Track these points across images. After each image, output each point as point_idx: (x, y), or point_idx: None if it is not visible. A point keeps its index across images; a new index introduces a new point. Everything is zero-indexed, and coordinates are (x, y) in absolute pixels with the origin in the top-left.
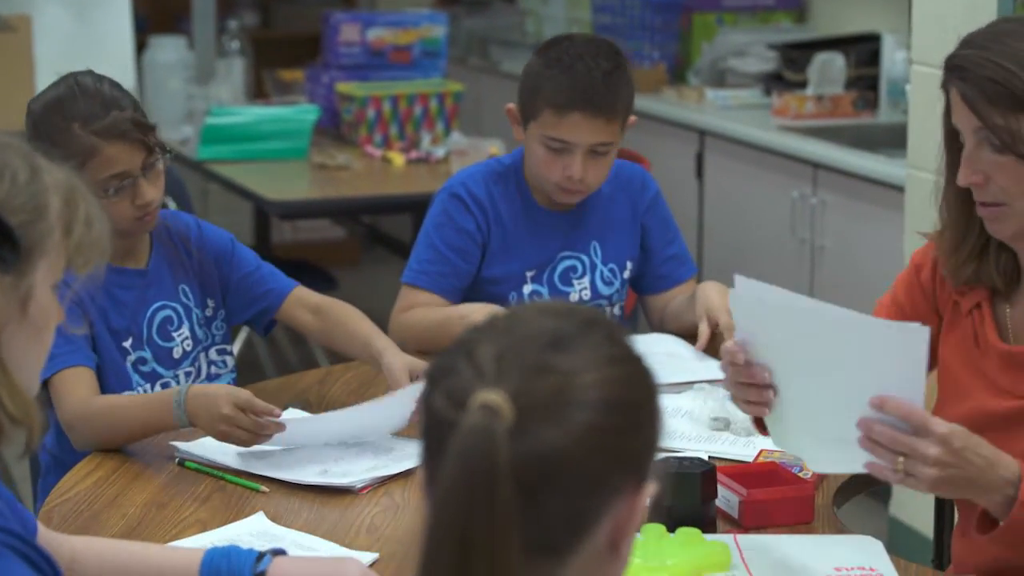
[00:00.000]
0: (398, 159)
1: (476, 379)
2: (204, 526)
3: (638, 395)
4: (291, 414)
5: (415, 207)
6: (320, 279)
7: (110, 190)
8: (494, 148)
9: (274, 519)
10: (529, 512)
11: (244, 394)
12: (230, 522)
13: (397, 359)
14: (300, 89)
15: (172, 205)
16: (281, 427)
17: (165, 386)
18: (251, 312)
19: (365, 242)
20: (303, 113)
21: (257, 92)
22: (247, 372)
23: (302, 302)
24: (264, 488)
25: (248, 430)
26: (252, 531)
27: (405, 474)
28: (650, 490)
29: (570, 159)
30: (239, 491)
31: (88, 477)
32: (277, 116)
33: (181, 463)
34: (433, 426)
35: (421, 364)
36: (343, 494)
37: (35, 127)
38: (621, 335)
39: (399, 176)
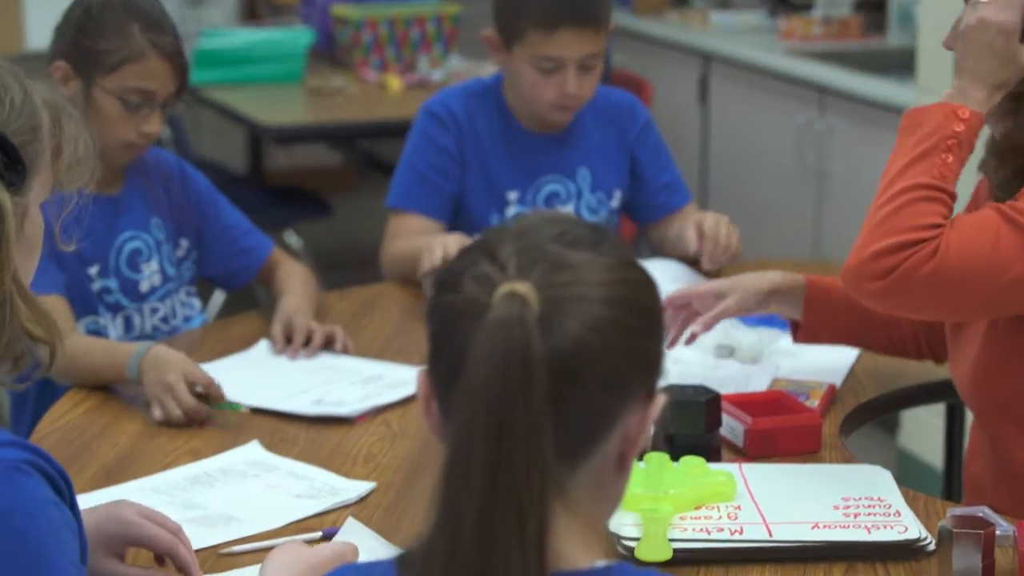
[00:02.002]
0: (395, 83)
1: (500, 273)
2: (197, 455)
3: (649, 300)
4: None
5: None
6: (315, 205)
7: (131, 102)
8: (493, 71)
9: (269, 448)
10: (555, 409)
11: (201, 375)
12: (224, 451)
13: (282, 309)
14: (294, 11)
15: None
16: (205, 417)
17: (128, 319)
18: (227, 267)
19: (361, 167)
20: (297, 36)
21: (250, 14)
22: (240, 301)
23: (273, 264)
24: (243, 407)
25: (184, 407)
26: (247, 460)
27: (401, 402)
28: (659, 404)
29: (563, 76)
30: (233, 420)
31: (78, 407)
32: (271, 39)
33: (175, 329)
34: (453, 323)
35: (302, 319)
36: (339, 423)
37: (87, 13)
38: (625, 244)
39: (396, 100)
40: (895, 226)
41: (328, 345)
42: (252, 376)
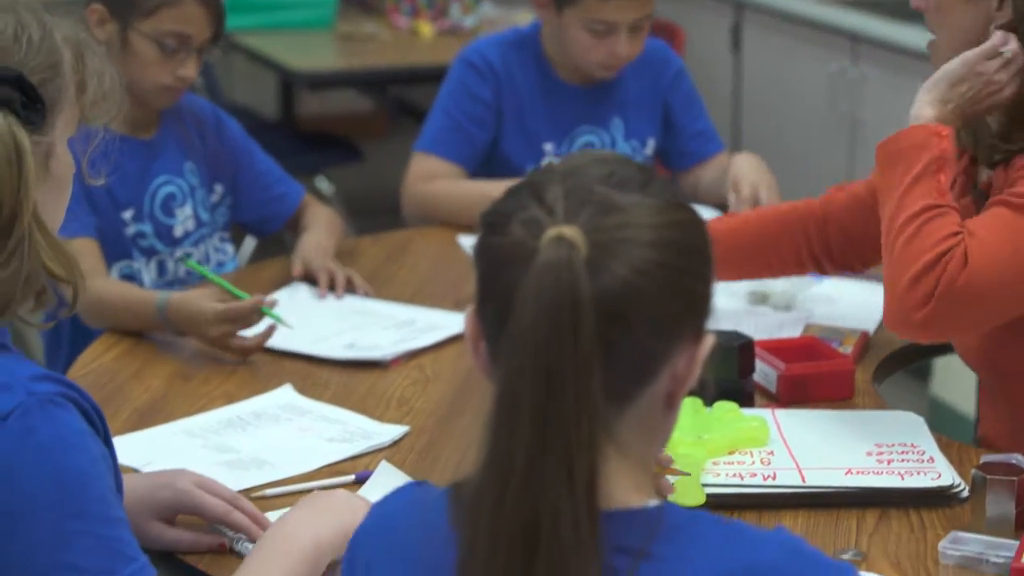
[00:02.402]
0: (426, 29)
1: (547, 216)
2: (230, 398)
3: (698, 240)
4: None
5: (443, 78)
6: (346, 151)
7: (167, 46)
8: (526, 18)
9: (302, 392)
10: (603, 352)
11: (221, 307)
12: (257, 394)
13: (300, 248)
14: None
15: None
16: (260, 346)
17: (162, 264)
18: (260, 213)
19: (392, 114)
20: None
21: None
22: (271, 247)
23: (302, 210)
24: (289, 324)
25: (240, 351)
26: (279, 403)
27: (434, 347)
28: (708, 344)
29: (614, 39)
30: (266, 363)
31: (110, 350)
32: None
33: (183, 258)
34: (501, 265)
35: (321, 258)
36: (372, 367)
37: None
38: (672, 184)
39: (427, 46)
40: (916, 250)
41: (350, 288)
42: (284, 320)
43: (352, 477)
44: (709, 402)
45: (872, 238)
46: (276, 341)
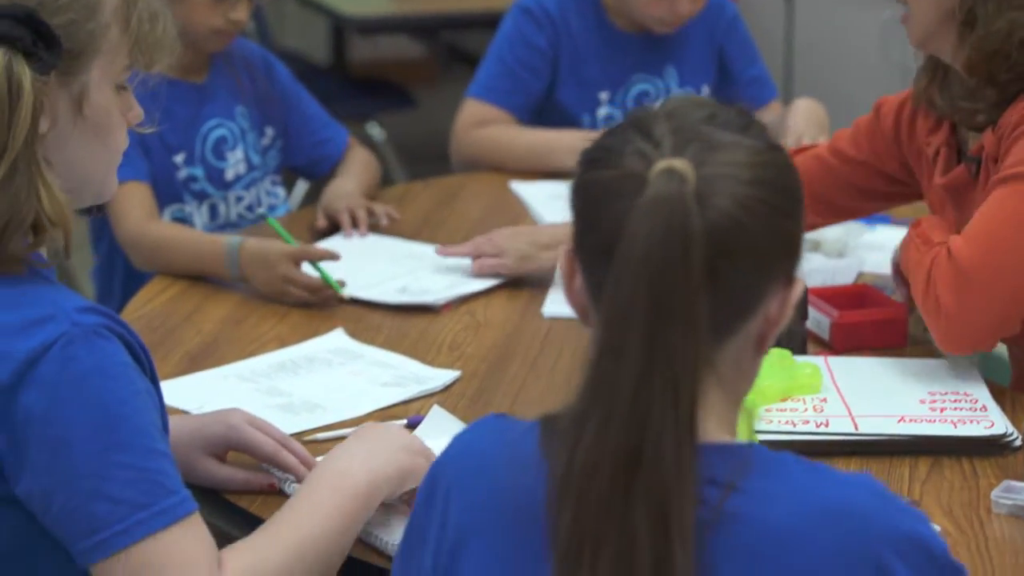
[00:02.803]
0: None
1: (655, 150)
2: (282, 342)
3: (793, 183)
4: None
5: (496, 24)
6: (397, 97)
7: None
8: None
9: (354, 336)
10: (708, 284)
11: (298, 249)
12: (309, 338)
13: (323, 196)
14: None
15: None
16: (335, 294)
17: (213, 207)
18: (310, 156)
19: (444, 60)
20: None
21: None
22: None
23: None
24: (345, 295)
25: (304, 288)
26: (331, 347)
27: (486, 292)
28: (799, 289)
29: None
30: (318, 308)
31: (162, 293)
32: None
33: (262, 217)
34: (607, 200)
35: (340, 201)
36: (424, 311)
37: None
38: (768, 129)
39: None
40: (916, 281)
41: (373, 220)
42: (336, 265)
43: (404, 421)
44: None
45: (826, 200)
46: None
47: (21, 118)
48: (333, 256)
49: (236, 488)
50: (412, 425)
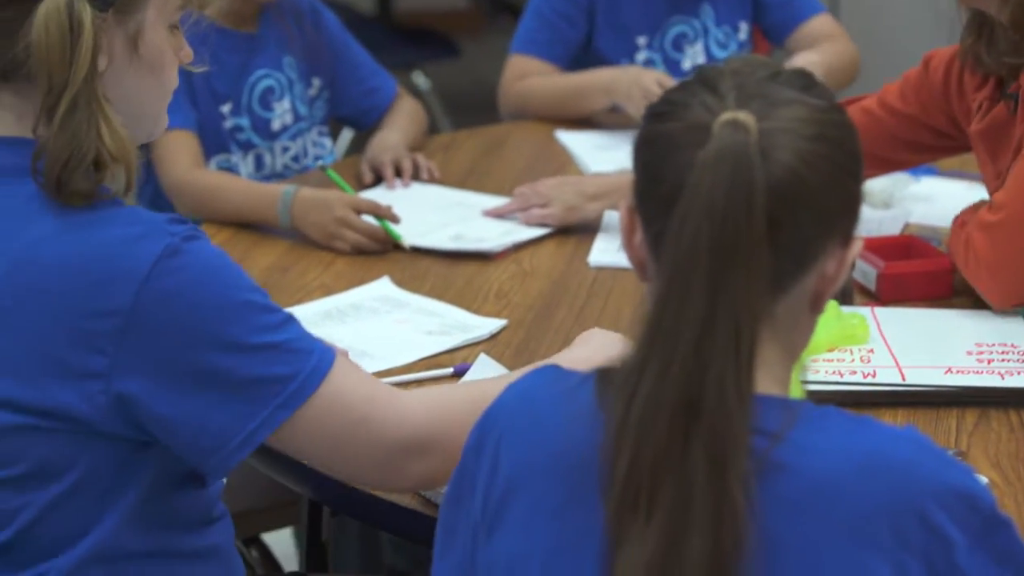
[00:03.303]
0: None
1: (720, 103)
2: (328, 290)
3: (853, 143)
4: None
5: None
6: (443, 47)
7: None
8: None
9: (400, 284)
10: (769, 236)
11: (364, 202)
12: (355, 287)
13: (368, 147)
14: None
15: None
16: (371, 240)
17: (259, 157)
18: (358, 107)
19: (488, 9)
20: None
21: None
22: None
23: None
24: (405, 245)
25: (360, 232)
26: (377, 296)
27: (533, 241)
28: (856, 248)
29: None
30: (364, 256)
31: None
32: None
33: (325, 170)
34: (672, 151)
35: (385, 153)
36: (469, 259)
37: None
38: (831, 90)
39: None
40: (954, 250)
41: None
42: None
43: (450, 370)
44: None
45: (872, 153)
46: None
47: (81, 55)
48: (395, 218)
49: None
50: (459, 373)
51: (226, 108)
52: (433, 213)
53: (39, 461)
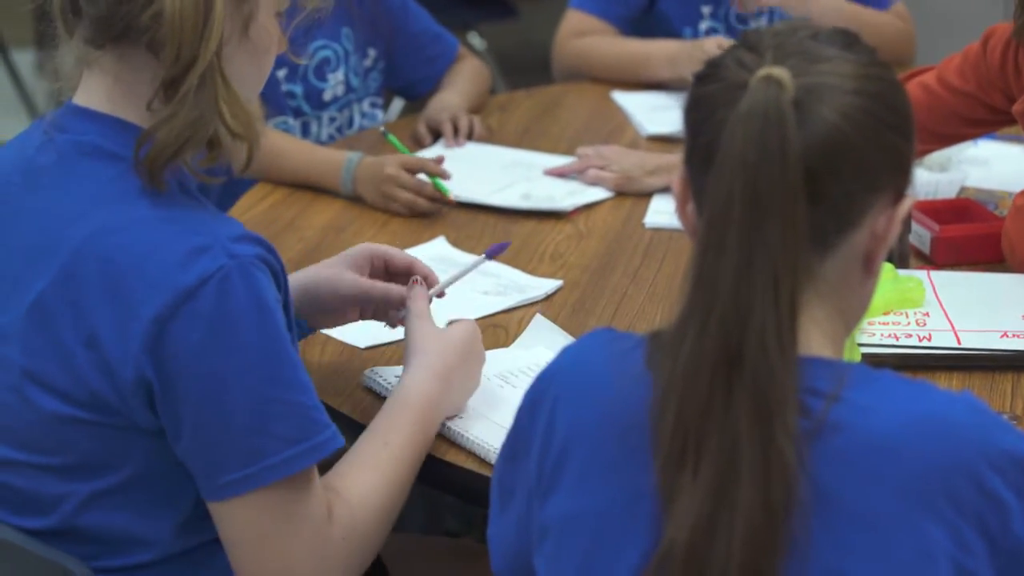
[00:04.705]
0: None
1: (757, 61)
2: None
3: (900, 100)
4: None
5: None
6: (500, 8)
7: None
8: None
9: (455, 244)
10: (808, 191)
11: (415, 159)
12: (410, 247)
13: (427, 107)
14: None
15: None
16: (443, 198)
17: (306, 125)
18: (411, 78)
19: None
20: None
21: None
22: (417, 110)
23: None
24: (451, 198)
25: (410, 189)
26: (432, 255)
27: (593, 204)
28: (907, 205)
29: None
30: (419, 216)
31: (264, 200)
32: None
33: (384, 134)
34: (712, 110)
35: (442, 113)
36: (524, 219)
37: None
38: (875, 49)
39: None
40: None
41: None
42: (451, 173)
43: (483, 256)
44: None
45: (930, 129)
46: (451, 190)
47: (213, 30)
48: (444, 173)
49: (377, 295)
50: (491, 255)
51: (281, 73)
52: (492, 172)
53: (85, 453)
